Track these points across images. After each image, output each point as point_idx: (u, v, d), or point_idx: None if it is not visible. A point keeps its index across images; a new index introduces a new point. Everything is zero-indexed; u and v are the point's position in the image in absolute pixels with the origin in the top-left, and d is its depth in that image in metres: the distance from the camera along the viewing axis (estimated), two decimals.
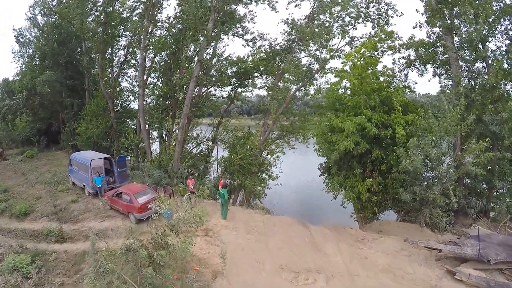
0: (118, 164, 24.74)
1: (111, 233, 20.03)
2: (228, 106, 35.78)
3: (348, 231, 19.51)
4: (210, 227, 19.66)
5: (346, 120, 20.64)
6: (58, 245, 19.24)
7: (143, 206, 20.14)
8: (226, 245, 17.93)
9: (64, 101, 37.63)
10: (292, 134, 30.38)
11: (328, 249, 17.71)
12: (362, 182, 21.43)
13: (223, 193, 19.89)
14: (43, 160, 34.81)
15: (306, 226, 20.04)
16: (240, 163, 25.47)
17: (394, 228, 20.67)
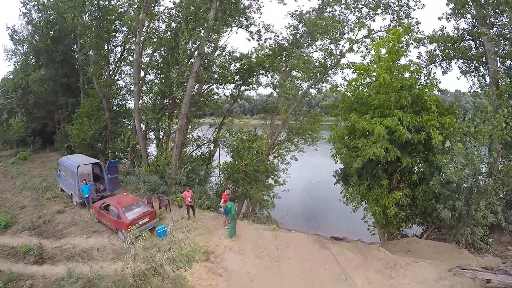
0: (108, 170, 21.03)
1: (96, 254, 16.33)
2: (231, 106, 31.79)
3: (376, 254, 15.67)
4: (211, 248, 15.98)
5: (374, 123, 16.68)
6: (37, 267, 15.61)
7: (133, 222, 16.27)
8: (231, 274, 14.23)
9: (59, 100, 33.98)
10: (301, 136, 26.23)
11: (355, 278, 13.96)
12: (389, 194, 17.60)
13: (231, 207, 16.14)
14: (36, 162, 31.12)
15: (324, 246, 16.34)
16: (246, 170, 21.44)
17: (425, 248, 16.72)
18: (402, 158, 16.99)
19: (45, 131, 35.32)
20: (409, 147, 17.67)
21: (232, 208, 16.07)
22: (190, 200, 18.25)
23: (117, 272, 14.68)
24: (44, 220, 19.31)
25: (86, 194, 19.37)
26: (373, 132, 16.34)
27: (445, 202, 15.94)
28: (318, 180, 43.61)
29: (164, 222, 18.55)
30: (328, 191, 39.10)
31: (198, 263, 14.72)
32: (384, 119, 16.59)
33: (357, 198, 19.48)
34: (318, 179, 43.86)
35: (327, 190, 39.83)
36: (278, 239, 16.59)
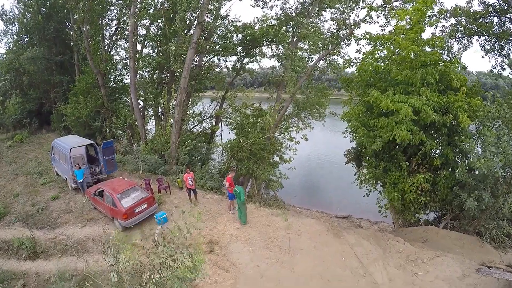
0: (103, 151, 19.06)
1: (91, 245, 14.71)
2: (233, 79, 29.18)
3: (395, 246, 13.72)
4: (215, 238, 14.10)
5: (399, 101, 14.38)
6: (30, 262, 14.16)
7: (129, 210, 14.56)
8: (239, 268, 12.38)
9: (53, 79, 31.56)
10: (308, 111, 23.68)
11: (374, 274, 12.14)
12: (408, 178, 15.66)
13: (240, 192, 14.17)
14: (33, 144, 29.09)
15: (338, 235, 14.40)
16: (251, 149, 19.19)
17: (444, 239, 14.89)
18: (426, 141, 14.88)
19: (41, 111, 33.17)
20: (432, 129, 15.65)
21: (241, 194, 14.15)
22: (191, 184, 16.27)
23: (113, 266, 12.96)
24: (38, 209, 17.65)
25: (80, 179, 17.50)
26: (396, 111, 14.16)
27: (469, 191, 14.12)
28: (325, 157, 41.66)
29: (164, 207, 16.78)
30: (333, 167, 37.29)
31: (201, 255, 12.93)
32: (410, 98, 14.29)
33: (372, 180, 17.38)
34: (324, 156, 41.89)
35: (332, 166, 38.00)
36: (289, 226, 14.61)
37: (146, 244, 14.05)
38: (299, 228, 14.53)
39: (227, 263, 12.60)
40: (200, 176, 19.82)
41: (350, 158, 20.23)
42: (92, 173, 19.26)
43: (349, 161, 20.44)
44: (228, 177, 15.46)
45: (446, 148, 15.37)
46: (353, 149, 20.07)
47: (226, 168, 21.14)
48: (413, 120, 14.19)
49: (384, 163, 16.68)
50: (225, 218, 15.42)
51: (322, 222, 15.49)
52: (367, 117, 16.74)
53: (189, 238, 14.03)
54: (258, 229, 14.52)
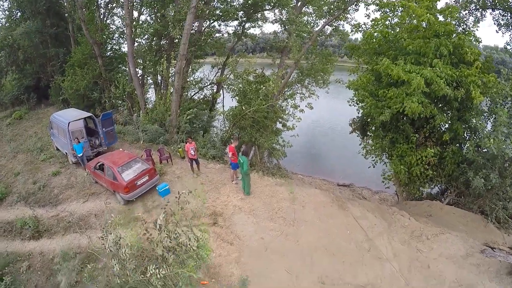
0: (103, 123, 18.40)
1: (94, 221, 14.39)
2: (234, 44, 27.79)
3: (400, 220, 13.25)
4: (219, 209, 13.70)
5: (411, 71, 13.43)
6: (34, 242, 13.94)
7: (130, 183, 14.07)
8: (243, 241, 12.00)
9: (49, 52, 30.21)
10: (313, 78, 22.46)
11: (379, 248, 11.81)
12: (416, 152, 15.00)
13: (243, 163, 13.57)
14: (32, 120, 28.41)
15: (343, 207, 13.94)
16: (254, 117, 18.36)
17: (448, 216, 14.43)
18: (436, 115, 14.11)
19: (39, 86, 32.06)
20: (442, 103, 14.89)
21: (245, 164, 13.54)
22: (193, 154, 15.69)
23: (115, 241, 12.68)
24: (39, 186, 17.23)
25: (79, 153, 16.98)
26: (407, 82, 13.30)
27: (477, 169, 13.66)
28: (328, 124, 40.69)
29: (165, 178, 16.32)
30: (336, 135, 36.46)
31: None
32: (423, 69, 13.31)
33: (378, 152, 16.66)
34: (328, 123, 40.92)
35: (335, 134, 37.17)
36: (293, 197, 14.06)
37: (148, 217, 13.78)
38: (303, 199, 14.06)
39: (231, 235, 12.25)
40: (202, 144, 19.26)
41: (355, 127, 19.37)
42: (92, 146, 18.75)
43: (354, 130, 19.61)
44: (230, 146, 14.84)
45: (456, 123, 14.66)
46: (359, 119, 19.18)
47: (228, 136, 20.45)
48: (424, 92, 13.35)
49: (391, 134, 15.95)
50: (228, 189, 14.95)
51: (327, 193, 14.92)
52: (375, 87, 15.77)
53: (192, 211, 13.85)
54: (262, 199, 14.06)
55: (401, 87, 13.81)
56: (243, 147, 14.01)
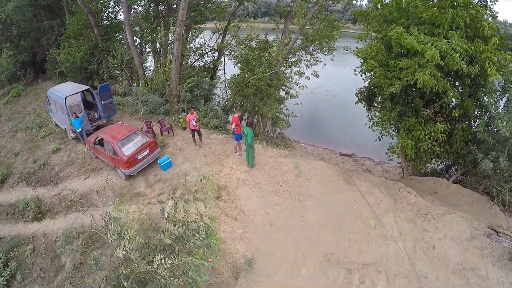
0: (100, 96, 17.58)
1: (96, 198, 14.02)
2: (235, 8, 26.13)
3: (406, 197, 12.61)
4: (222, 183, 13.18)
5: (425, 42, 12.39)
6: (37, 224, 13.74)
7: (131, 158, 13.52)
8: (248, 216, 11.53)
9: (43, 25, 28.75)
10: (317, 44, 20.99)
11: (386, 226, 11.35)
12: (424, 126, 14.24)
13: (247, 134, 12.90)
14: (30, 96, 27.47)
15: (349, 182, 13.33)
16: (257, 84, 17.35)
17: (454, 195, 13.78)
18: (448, 90, 13.23)
19: (35, 60, 30.91)
20: (454, 78, 14.11)
21: (248, 136, 12.83)
22: (195, 124, 14.88)
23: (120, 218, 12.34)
24: (39, 165, 16.74)
25: (78, 128, 16.35)
26: (420, 53, 12.38)
27: (486, 151, 13.10)
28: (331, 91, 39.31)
29: (167, 150, 15.76)
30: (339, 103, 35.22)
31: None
32: (438, 40, 12.26)
33: (385, 124, 15.79)
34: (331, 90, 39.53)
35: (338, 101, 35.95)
36: (298, 169, 13.39)
37: (151, 192, 13.32)
38: (308, 172, 13.43)
39: (235, 210, 11.80)
40: (204, 114, 18.49)
41: (361, 98, 18.30)
42: (91, 119, 18.10)
43: (359, 101, 18.56)
44: (234, 117, 14.09)
45: (467, 100, 13.75)
46: (365, 89, 18.09)
47: (231, 105, 19.60)
48: (437, 65, 12.37)
49: (399, 107, 15.07)
50: (231, 160, 14.36)
51: (333, 165, 14.23)
52: (385, 56, 14.65)
53: (195, 185, 13.34)
54: (266, 172, 13.48)
55: (414, 58, 12.80)
56: (247, 118, 13.17)
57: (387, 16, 15.27)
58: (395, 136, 16.18)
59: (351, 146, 27.54)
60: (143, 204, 12.74)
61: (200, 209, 7.32)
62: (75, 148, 17.20)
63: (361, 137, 26.93)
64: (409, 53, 13.65)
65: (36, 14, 28.57)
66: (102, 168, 15.30)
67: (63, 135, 18.53)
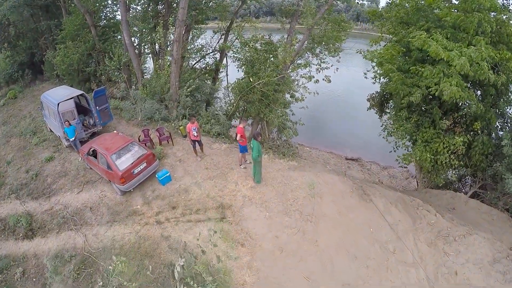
0: (95, 101, 16.11)
1: (90, 215, 12.61)
2: (238, 8, 24.40)
3: (425, 216, 11.24)
4: (227, 201, 11.76)
5: (450, 49, 10.93)
6: (27, 242, 12.40)
7: (127, 173, 12.05)
8: (256, 241, 10.14)
9: (40, 26, 27.11)
10: (324, 46, 19.26)
11: (405, 251, 10.12)
12: (443, 138, 12.91)
13: (254, 147, 11.46)
14: (27, 98, 25.80)
15: (364, 198, 11.99)
16: (263, 90, 15.81)
17: (472, 211, 12.59)
18: (473, 101, 11.97)
19: (33, 61, 29.33)
20: (476, 87, 12.93)
21: (254, 149, 11.39)
22: (195, 134, 13.40)
23: (115, 240, 10.97)
24: (32, 175, 15.35)
25: (71, 137, 14.89)
26: (446, 62, 10.91)
27: (510, 166, 11.96)
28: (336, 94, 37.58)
29: (166, 161, 14.30)
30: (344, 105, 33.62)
31: (213, 223, 10.74)
32: (465, 47, 10.90)
33: (401, 135, 14.13)
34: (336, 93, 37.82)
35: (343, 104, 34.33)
36: (310, 187, 12.02)
37: (148, 210, 11.90)
38: (320, 188, 12.05)
39: (241, 234, 10.41)
40: (205, 120, 16.98)
41: (374, 104, 16.75)
42: (86, 126, 16.67)
43: (372, 107, 17.00)
44: (239, 128, 12.71)
45: (490, 111, 12.56)
46: (378, 94, 16.54)
47: (234, 111, 18.05)
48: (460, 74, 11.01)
49: (416, 116, 13.67)
50: (236, 175, 12.91)
51: (345, 179, 12.76)
52: (403, 61, 13.14)
53: (197, 202, 11.89)
54: (275, 188, 12.05)
55: (437, 65, 11.28)
56: (253, 126, 11.58)
57: (403, 18, 13.73)
58: (410, 147, 14.63)
59: (355, 148, 26.19)
60: (139, 224, 11.36)
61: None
62: (69, 157, 15.77)
63: (365, 139, 25.72)
64: (428, 57, 12.22)
65: (33, 14, 27.06)
66: (96, 180, 13.90)
67: (57, 142, 17.10)
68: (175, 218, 11.26)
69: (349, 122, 30.37)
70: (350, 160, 24.29)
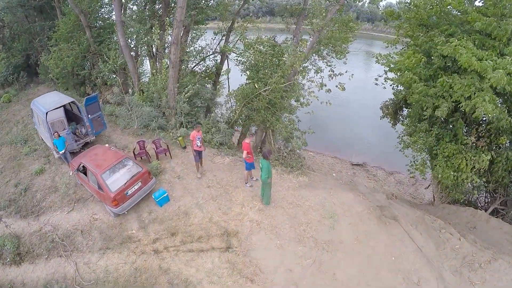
0: (87, 109, 14.37)
1: (81, 240, 10.96)
2: (240, 7, 22.44)
3: (450, 241, 9.86)
4: (232, 227, 10.17)
5: (484, 59, 9.42)
6: (15, 268, 10.76)
7: (119, 195, 10.38)
8: (266, 276, 8.75)
9: (34, 27, 25.31)
10: (331, 48, 17.41)
11: (430, 281, 8.70)
12: (466, 154, 11.25)
13: (262, 167, 9.81)
14: (22, 102, 23.70)
15: (383, 220, 10.47)
16: (270, 97, 14.16)
17: (495, 231, 11.30)
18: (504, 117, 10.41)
19: (29, 63, 27.38)
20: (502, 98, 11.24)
21: (264, 170, 9.76)
22: (199, 145, 11.72)
23: (108, 271, 9.36)
24: (21, 190, 13.58)
25: (61, 149, 13.20)
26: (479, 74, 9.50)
27: None
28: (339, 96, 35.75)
29: (163, 178, 12.67)
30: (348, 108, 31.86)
31: (216, 253, 9.12)
32: (500, 58, 9.42)
33: (420, 147, 12.43)
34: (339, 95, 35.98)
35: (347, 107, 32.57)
36: (324, 210, 10.40)
37: (145, 236, 10.28)
38: (335, 209, 10.55)
39: (250, 267, 8.87)
40: (206, 129, 15.27)
41: (388, 113, 15.04)
42: (78, 135, 15.03)
43: (385, 115, 15.29)
44: (245, 144, 11.01)
45: None
46: (392, 102, 14.86)
47: (237, 118, 16.34)
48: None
49: (436, 129, 12.05)
50: (241, 194, 11.33)
51: (361, 198, 11.22)
52: (423, 68, 11.43)
53: (199, 228, 10.30)
54: (285, 210, 10.52)
55: (468, 78, 9.63)
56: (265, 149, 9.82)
57: (424, 20, 12.00)
58: (426, 159, 12.98)
59: (359, 152, 24.67)
60: (135, 253, 9.78)
61: None
62: (60, 170, 14.11)
63: (368, 142, 24.14)
64: (453, 66, 10.59)
65: (27, 15, 25.28)
66: (88, 198, 12.26)
67: (48, 152, 15.39)
68: (174, 247, 9.68)
69: (351, 124, 28.82)
70: (356, 166, 22.73)
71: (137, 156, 13.20)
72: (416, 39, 12.09)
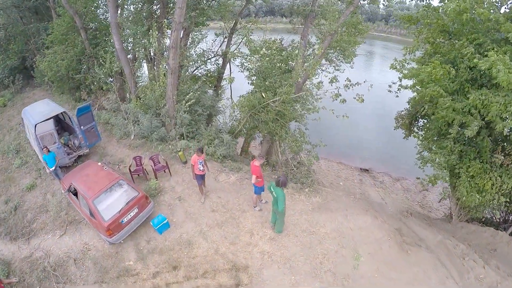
0: (79, 120, 12.99)
1: (74, 270, 9.63)
2: (243, 8, 20.55)
3: (474, 270, 8.78)
4: (241, 260, 8.89)
5: None
6: None
7: (114, 223, 9.00)
8: None
9: (29, 28, 23.66)
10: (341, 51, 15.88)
11: None
12: (492, 174, 9.94)
13: (277, 197, 8.38)
14: (17, 107, 21.95)
15: (404, 248, 9.32)
16: (279, 108, 12.78)
17: None
18: None
19: (25, 65, 25.61)
20: None
21: (280, 201, 8.33)
22: (202, 169, 10.26)
23: None
24: (11, 208, 12.16)
25: (51, 166, 11.78)
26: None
27: None
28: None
29: (162, 199, 11.30)
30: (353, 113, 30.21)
31: None
32: None
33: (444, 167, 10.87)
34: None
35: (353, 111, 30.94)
36: (339, 230, 9.09)
37: (144, 269, 8.94)
38: (353, 236, 9.25)
39: None
40: (208, 141, 13.83)
41: (402, 123, 13.61)
42: (71, 147, 13.65)
43: (399, 126, 13.86)
44: (255, 167, 9.57)
45: None
46: (407, 113, 13.42)
47: (240, 129, 14.88)
48: None
49: (459, 146, 10.62)
50: (250, 220, 10.02)
51: (380, 222, 9.95)
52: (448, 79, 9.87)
53: (203, 261, 8.95)
54: (299, 239, 9.25)
55: (502, 95, 8.25)
56: (280, 177, 8.36)
57: (446, 26, 10.51)
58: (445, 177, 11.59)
59: (364, 156, 23.36)
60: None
61: None
62: (52, 186, 12.74)
63: (373, 146, 22.96)
64: (481, 78, 9.22)
65: (22, 16, 23.70)
66: (81, 221, 10.85)
67: (40, 165, 13.91)
68: (177, 283, 8.39)
69: (354, 128, 27.32)
70: (361, 171, 21.42)
71: (133, 173, 11.79)
72: (438, 46, 10.65)
